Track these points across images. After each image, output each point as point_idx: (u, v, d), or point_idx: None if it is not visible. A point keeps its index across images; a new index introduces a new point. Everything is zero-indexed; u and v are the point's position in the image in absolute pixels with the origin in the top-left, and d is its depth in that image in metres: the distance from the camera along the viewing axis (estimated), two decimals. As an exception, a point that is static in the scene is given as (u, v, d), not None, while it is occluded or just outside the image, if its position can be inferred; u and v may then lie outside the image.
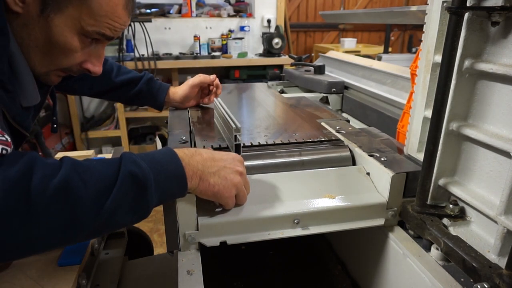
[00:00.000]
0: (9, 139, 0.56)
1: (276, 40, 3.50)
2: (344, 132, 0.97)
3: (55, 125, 0.97)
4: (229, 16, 3.70)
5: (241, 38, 3.62)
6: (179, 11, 3.61)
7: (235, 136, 0.81)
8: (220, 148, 0.87)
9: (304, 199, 0.73)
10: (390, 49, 5.11)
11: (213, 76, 1.23)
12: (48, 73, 0.77)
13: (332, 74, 1.82)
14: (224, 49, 3.60)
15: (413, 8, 1.92)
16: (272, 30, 3.69)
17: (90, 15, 0.70)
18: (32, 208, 0.50)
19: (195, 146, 0.90)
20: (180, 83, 1.26)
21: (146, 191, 0.59)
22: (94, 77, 0.82)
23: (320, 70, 1.79)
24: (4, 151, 0.54)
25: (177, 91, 1.22)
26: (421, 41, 0.80)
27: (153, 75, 1.24)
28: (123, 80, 1.17)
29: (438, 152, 0.70)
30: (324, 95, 1.65)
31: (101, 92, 1.19)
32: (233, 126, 0.80)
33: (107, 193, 0.55)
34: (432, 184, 0.73)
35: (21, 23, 0.68)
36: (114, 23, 0.73)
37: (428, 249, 0.71)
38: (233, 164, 0.70)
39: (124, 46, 3.31)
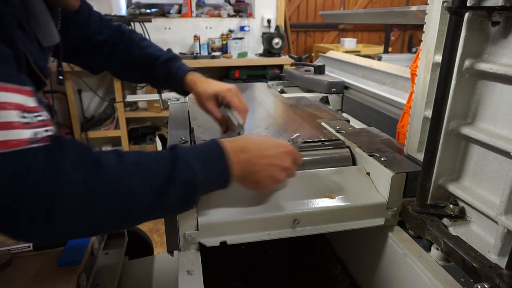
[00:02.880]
0: (48, 117, 0.52)
1: (276, 40, 3.49)
2: (344, 132, 0.97)
3: None
4: (229, 16, 3.70)
5: (241, 38, 3.62)
6: (179, 11, 3.61)
7: (238, 133, 0.81)
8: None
9: (304, 199, 0.73)
10: (390, 49, 5.11)
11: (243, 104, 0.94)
12: None
13: (332, 74, 1.82)
14: (224, 49, 3.60)
15: (413, 8, 1.92)
16: (272, 30, 3.69)
17: None
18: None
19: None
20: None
21: (195, 194, 0.61)
22: (114, 49, 0.78)
23: (320, 70, 1.79)
24: (49, 132, 0.50)
25: (207, 83, 1.03)
26: (421, 41, 0.80)
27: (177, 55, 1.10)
28: (145, 54, 1.06)
29: (438, 152, 0.70)
30: (324, 95, 1.65)
31: (119, 67, 1.07)
32: (235, 123, 0.80)
33: (160, 196, 0.56)
34: (432, 184, 0.73)
35: None
36: None
37: (428, 249, 0.71)
38: (281, 161, 0.68)
39: (124, 46, 3.30)
